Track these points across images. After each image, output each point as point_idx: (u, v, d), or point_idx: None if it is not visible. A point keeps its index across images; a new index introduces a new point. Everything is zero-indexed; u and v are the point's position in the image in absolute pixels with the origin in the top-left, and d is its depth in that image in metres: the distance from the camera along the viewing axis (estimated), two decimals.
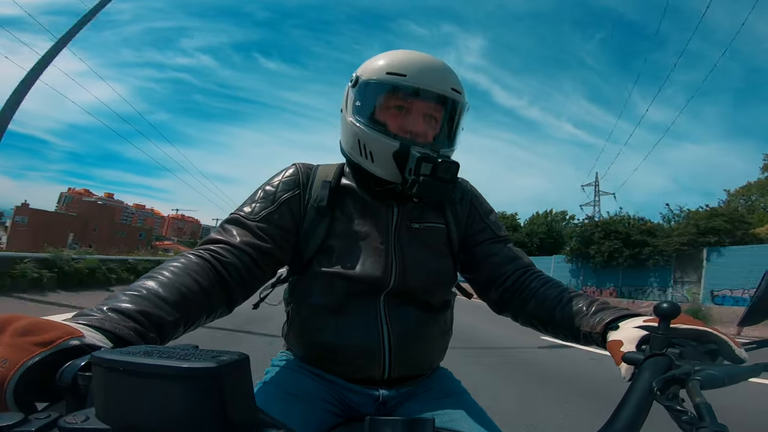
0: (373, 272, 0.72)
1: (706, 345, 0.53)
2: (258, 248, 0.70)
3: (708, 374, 0.40)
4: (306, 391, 0.71)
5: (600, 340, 0.62)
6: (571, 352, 4.80)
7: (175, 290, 0.56)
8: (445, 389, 0.78)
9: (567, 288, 0.74)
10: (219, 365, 0.29)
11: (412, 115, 0.72)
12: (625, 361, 0.51)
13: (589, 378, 3.76)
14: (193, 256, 0.64)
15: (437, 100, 0.72)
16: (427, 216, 0.80)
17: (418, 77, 0.70)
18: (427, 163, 0.67)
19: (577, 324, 0.66)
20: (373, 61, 0.75)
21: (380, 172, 0.73)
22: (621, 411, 0.41)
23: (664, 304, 0.48)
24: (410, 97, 0.71)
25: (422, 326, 0.75)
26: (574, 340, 0.68)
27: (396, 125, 0.72)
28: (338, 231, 0.75)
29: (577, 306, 0.68)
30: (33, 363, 0.35)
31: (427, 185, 0.67)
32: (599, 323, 0.62)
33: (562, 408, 2.90)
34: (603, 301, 0.68)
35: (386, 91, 0.72)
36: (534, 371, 3.95)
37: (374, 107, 0.73)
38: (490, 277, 0.81)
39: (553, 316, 0.70)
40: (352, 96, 0.75)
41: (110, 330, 0.45)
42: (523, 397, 3.17)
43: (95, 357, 0.31)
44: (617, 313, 0.62)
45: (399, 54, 0.73)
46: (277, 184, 0.76)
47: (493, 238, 0.83)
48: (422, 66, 0.71)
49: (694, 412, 0.37)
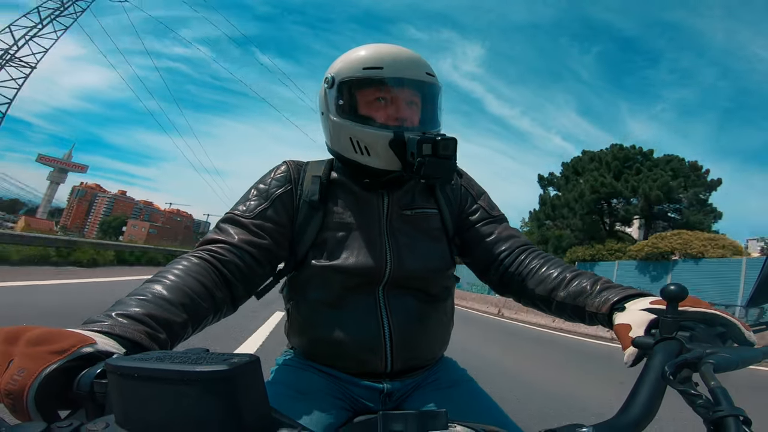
0: (367, 262, 0.72)
1: (715, 328, 0.52)
2: (256, 245, 0.71)
3: (721, 357, 0.39)
4: (313, 388, 0.71)
5: (606, 321, 0.61)
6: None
7: (180, 292, 0.57)
8: (451, 378, 0.78)
9: (569, 266, 0.74)
10: (231, 367, 0.29)
11: (395, 104, 0.74)
12: (636, 345, 0.50)
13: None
14: (194, 258, 0.65)
15: (415, 86, 0.75)
16: (418, 202, 0.80)
17: (394, 67, 0.72)
18: (427, 144, 0.68)
19: (581, 303, 0.66)
20: (343, 59, 0.76)
21: (379, 163, 0.73)
22: (635, 397, 0.40)
23: (671, 287, 0.47)
24: (390, 88, 0.73)
25: (423, 316, 0.75)
26: (579, 320, 0.68)
27: (383, 116, 0.73)
28: (331, 224, 0.75)
29: (581, 285, 0.67)
30: (50, 371, 0.36)
31: (433, 164, 0.68)
32: (605, 303, 0.61)
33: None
34: (606, 279, 0.68)
35: (366, 85, 0.73)
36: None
37: (356, 103, 0.74)
38: (488, 258, 0.81)
39: (557, 296, 0.70)
40: (332, 96, 0.76)
41: (121, 335, 0.45)
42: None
43: (109, 364, 0.32)
44: (622, 293, 0.61)
45: (369, 48, 0.75)
46: (269, 181, 0.78)
47: (487, 219, 0.83)
48: (395, 56, 0.73)
49: (709, 396, 0.36)
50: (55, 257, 9.00)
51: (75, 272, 8.09)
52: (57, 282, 6.11)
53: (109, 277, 7.99)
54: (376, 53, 0.73)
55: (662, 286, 0.48)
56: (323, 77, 0.79)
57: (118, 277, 8.03)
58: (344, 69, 0.75)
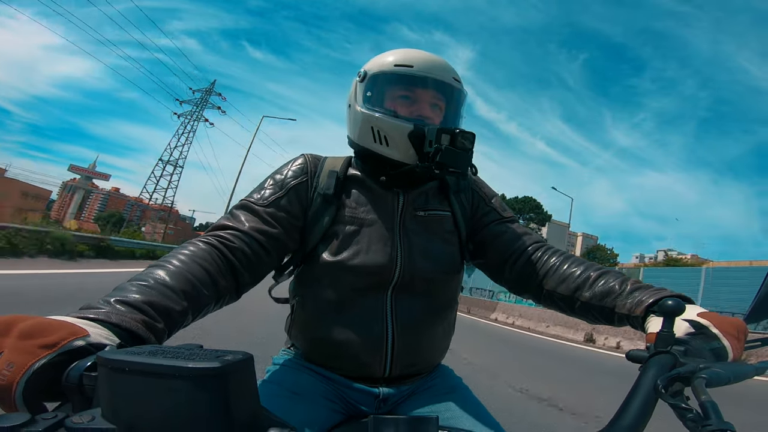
0: (378, 260, 0.72)
1: (711, 343, 0.53)
2: (266, 233, 0.71)
3: (713, 372, 0.40)
4: (308, 389, 0.71)
5: (638, 324, 0.59)
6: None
7: (183, 278, 0.56)
8: (446, 386, 0.78)
9: (592, 263, 0.72)
10: (223, 365, 0.29)
11: (419, 102, 0.76)
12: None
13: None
14: (202, 243, 0.64)
15: (441, 88, 0.77)
16: (433, 204, 0.80)
17: (424, 67, 0.75)
18: (446, 134, 0.69)
19: (610, 304, 0.64)
20: (379, 57, 0.79)
21: (396, 154, 0.74)
22: (625, 409, 0.41)
23: (669, 302, 0.48)
24: (417, 86, 0.76)
25: (428, 324, 0.75)
26: (607, 322, 0.66)
27: (406, 112, 0.75)
28: (343, 218, 0.75)
29: (608, 284, 0.66)
30: (39, 366, 0.35)
31: (449, 153, 0.69)
32: (638, 305, 0.60)
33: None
34: (635, 279, 0.66)
35: (395, 81, 0.76)
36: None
37: (384, 96, 0.77)
38: (502, 256, 0.80)
39: (581, 296, 0.68)
40: (361, 89, 0.79)
41: (117, 323, 0.45)
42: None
43: (100, 357, 0.31)
44: (657, 294, 0.59)
45: (404, 50, 0.78)
46: (285, 172, 0.78)
47: (499, 219, 0.83)
48: (426, 59, 0.76)
49: (699, 411, 0.36)
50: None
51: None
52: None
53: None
54: (408, 54, 0.77)
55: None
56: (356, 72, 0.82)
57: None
58: (376, 65, 0.78)
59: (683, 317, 0.53)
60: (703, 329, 0.54)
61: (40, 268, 7.10)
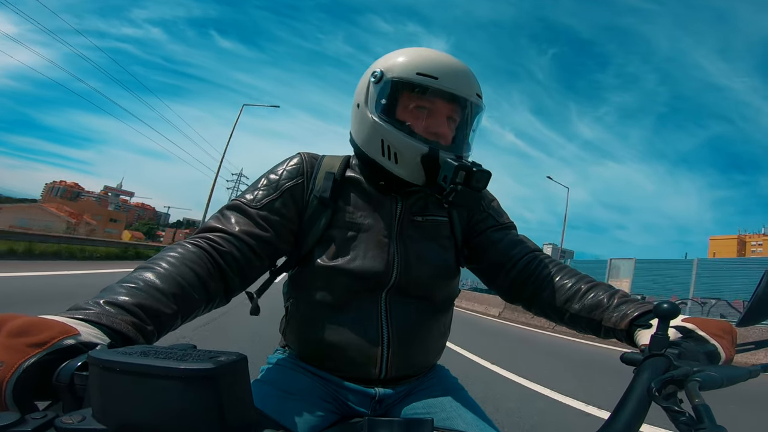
0: (374, 265, 0.71)
1: (705, 345, 0.53)
2: (257, 237, 0.69)
3: (707, 375, 0.40)
4: (302, 389, 0.71)
5: (624, 337, 0.60)
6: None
7: (172, 281, 0.55)
8: (442, 387, 0.78)
9: (584, 276, 0.73)
10: (216, 366, 0.29)
11: (435, 117, 0.71)
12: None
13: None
14: (191, 245, 0.63)
15: (462, 104, 0.73)
16: (430, 209, 0.79)
17: (448, 82, 0.70)
18: (463, 172, 0.66)
19: (597, 317, 0.65)
20: (396, 57, 0.73)
21: (404, 174, 0.71)
22: (619, 412, 0.41)
23: (664, 305, 0.48)
24: (437, 100, 0.71)
25: (423, 326, 0.75)
26: (594, 333, 0.67)
27: (421, 126, 0.71)
28: (340, 222, 0.74)
29: (597, 297, 0.67)
30: (29, 364, 0.35)
31: (464, 195, 0.67)
32: (623, 319, 0.61)
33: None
34: (624, 292, 0.67)
35: (415, 91, 0.71)
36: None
37: (399, 104, 0.72)
38: (497, 263, 0.80)
39: (570, 308, 0.69)
40: (374, 92, 0.73)
41: (107, 324, 0.44)
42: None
43: (92, 357, 0.31)
44: (642, 308, 0.60)
45: (425, 53, 0.72)
46: (280, 172, 0.76)
47: (496, 226, 0.83)
48: (451, 69, 0.70)
49: (692, 414, 0.36)
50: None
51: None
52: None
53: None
54: (431, 60, 0.70)
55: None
56: (370, 68, 0.75)
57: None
58: (396, 68, 0.71)
59: (671, 324, 0.54)
60: (691, 333, 0.55)
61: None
